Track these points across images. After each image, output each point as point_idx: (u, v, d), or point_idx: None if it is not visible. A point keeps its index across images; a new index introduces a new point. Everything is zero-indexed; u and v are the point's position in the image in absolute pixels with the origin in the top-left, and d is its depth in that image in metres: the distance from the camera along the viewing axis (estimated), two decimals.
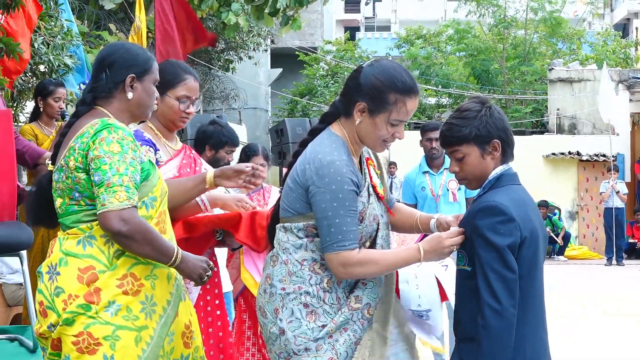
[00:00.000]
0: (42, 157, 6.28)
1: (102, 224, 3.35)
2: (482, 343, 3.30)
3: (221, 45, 22.04)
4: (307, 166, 3.46)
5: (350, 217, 3.40)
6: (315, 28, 31.55)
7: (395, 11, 50.09)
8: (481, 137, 3.52)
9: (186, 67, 4.46)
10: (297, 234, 3.52)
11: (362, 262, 3.42)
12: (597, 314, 12.02)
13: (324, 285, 3.50)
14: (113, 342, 3.34)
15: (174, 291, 3.57)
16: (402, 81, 3.49)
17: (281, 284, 3.53)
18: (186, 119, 4.45)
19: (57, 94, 7.19)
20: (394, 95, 3.47)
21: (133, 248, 3.41)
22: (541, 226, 3.55)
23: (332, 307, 3.49)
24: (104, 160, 3.35)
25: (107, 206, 3.32)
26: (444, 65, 32.19)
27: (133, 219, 3.35)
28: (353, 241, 3.40)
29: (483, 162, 3.56)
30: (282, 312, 3.51)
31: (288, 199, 3.56)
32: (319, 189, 3.40)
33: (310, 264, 3.50)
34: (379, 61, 3.60)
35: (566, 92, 24.53)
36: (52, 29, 7.84)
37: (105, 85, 3.59)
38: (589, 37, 33.29)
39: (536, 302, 3.46)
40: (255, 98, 28.03)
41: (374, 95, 3.47)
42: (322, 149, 3.49)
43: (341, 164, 3.42)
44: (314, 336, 3.45)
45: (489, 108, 3.56)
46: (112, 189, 3.33)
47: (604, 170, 21.71)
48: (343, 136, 3.57)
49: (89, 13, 14.28)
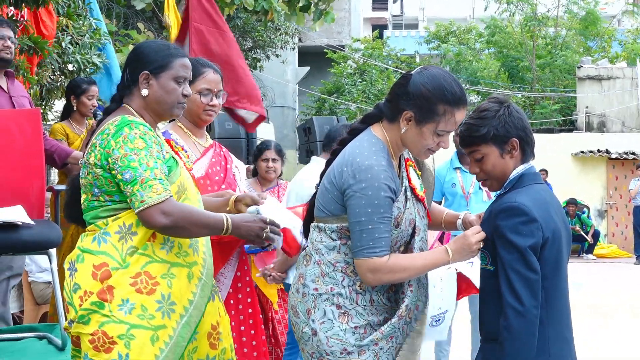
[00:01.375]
0: (71, 157, 6.31)
1: (145, 221, 3.35)
2: (505, 344, 3.28)
3: (249, 43, 22.06)
4: (345, 169, 3.42)
5: (383, 223, 3.37)
6: (342, 26, 31.53)
7: (423, 9, 49.96)
8: (499, 136, 3.49)
9: (205, 61, 4.46)
10: (331, 235, 3.50)
11: (391, 269, 3.39)
12: (624, 313, 11.92)
13: (357, 288, 3.48)
14: (128, 340, 3.33)
15: (197, 291, 3.54)
16: (451, 92, 3.42)
17: (314, 284, 3.52)
18: (212, 112, 4.45)
19: (90, 92, 7.21)
20: (443, 106, 3.41)
21: (184, 235, 3.44)
22: (564, 226, 3.51)
23: (364, 308, 3.48)
24: (132, 157, 3.35)
25: (147, 201, 3.31)
26: (473, 62, 32.10)
27: (174, 209, 3.34)
28: (384, 248, 3.37)
29: (503, 162, 3.53)
30: (315, 312, 3.50)
31: (324, 199, 3.53)
32: (355, 193, 3.36)
33: (343, 267, 3.49)
34: (428, 69, 3.50)
35: (595, 89, 24.37)
36: (80, 28, 7.86)
37: (126, 84, 3.61)
38: (618, 35, 33.07)
39: (560, 302, 3.43)
40: (283, 96, 28.05)
41: (422, 105, 3.41)
42: (362, 151, 3.44)
43: (379, 170, 3.37)
44: (353, 340, 3.43)
45: (508, 107, 3.53)
46: (148, 184, 3.32)
47: (633, 169, 21.53)
48: (384, 139, 3.52)
49: (117, 12, 14.34)
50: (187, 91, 3.65)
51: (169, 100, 3.60)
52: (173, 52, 3.64)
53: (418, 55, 37.11)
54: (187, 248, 3.54)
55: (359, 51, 32.32)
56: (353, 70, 31.43)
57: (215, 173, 4.53)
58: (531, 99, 29.50)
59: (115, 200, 3.43)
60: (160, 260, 3.45)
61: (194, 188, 3.71)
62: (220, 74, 4.52)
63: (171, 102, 3.61)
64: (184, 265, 3.51)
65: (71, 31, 7.69)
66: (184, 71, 3.63)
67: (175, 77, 3.59)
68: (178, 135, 4.43)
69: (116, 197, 3.43)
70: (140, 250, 3.42)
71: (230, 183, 4.58)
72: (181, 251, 3.51)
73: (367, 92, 29.60)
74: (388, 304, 3.55)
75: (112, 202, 3.44)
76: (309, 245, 3.61)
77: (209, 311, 3.62)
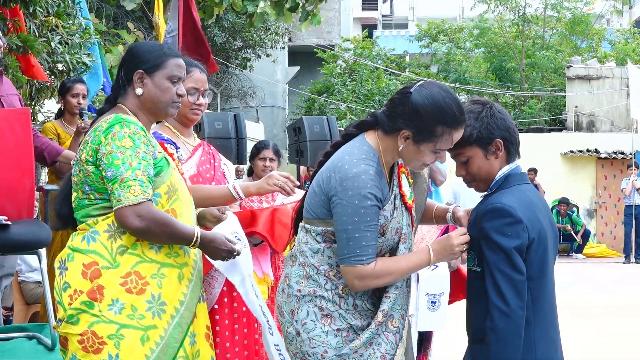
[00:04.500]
0: (62, 155, 6.30)
1: (119, 220, 3.37)
2: (491, 345, 3.30)
3: (238, 43, 22.08)
4: (333, 174, 3.42)
5: (370, 231, 3.37)
6: (332, 26, 31.51)
7: (412, 9, 50.01)
8: (483, 138, 3.50)
9: (190, 61, 4.48)
10: (316, 237, 3.51)
11: (377, 275, 3.41)
12: (612, 313, 11.94)
13: (339, 292, 3.50)
14: (117, 340, 3.34)
15: (188, 292, 3.55)
16: (450, 114, 3.37)
17: (297, 286, 3.54)
18: (198, 111, 4.48)
19: (74, 90, 7.21)
20: (441, 128, 3.37)
21: (153, 240, 3.45)
22: (551, 226, 3.53)
23: (347, 312, 3.50)
24: (116, 155, 3.37)
25: (123, 202, 3.34)
26: (463, 62, 32.16)
27: (149, 213, 3.37)
28: (371, 256, 3.39)
29: (488, 163, 3.54)
30: (298, 313, 3.52)
31: (311, 201, 3.54)
32: (342, 201, 3.36)
33: (327, 270, 3.50)
34: (427, 87, 3.43)
35: (584, 89, 24.43)
36: (69, 28, 7.85)
37: (120, 84, 3.64)
38: (608, 35, 33.15)
39: (546, 303, 3.45)
40: (273, 96, 28.04)
41: (420, 126, 3.37)
42: (351, 158, 3.43)
43: (366, 178, 3.35)
44: (335, 343, 3.45)
45: (490, 108, 3.54)
46: (127, 184, 3.35)
47: (622, 168, 21.60)
48: (377, 147, 3.50)
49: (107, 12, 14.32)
50: (182, 91, 3.68)
51: (163, 99, 3.62)
52: (167, 52, 3.67)
53: (408, 55, 37.15)
54: (177, 249, 3.55)
55: (349, 51, 32.32)
56: (343, 70, 31.42)
57: (206, 170, 4.56)
58: (520, 98, 29.54)
59: (106, 198, 3.45)
60: (150, 260, 3.46)
61: (187, 190, 3.72)
62: (206, 73, 4.55)
63: (165, 101, 3.63)
64: (174, 265, 3.52)
65: (61, 31, 7.67)
66: (178, 71, 3.66)
67: (170, 77, 3.62)
68: (168, 135, 4.44)
69: (106, 195, 3.44)
70: (130, 250, 3.43)
71: (220, 180, 4.60)
72: (172, 252, 3.52)
73: (357, 91, 29.60)
74: (373, 310, 3.55)
75: (103, 200, 3.46)
76: (296, 245, 3.63)
77: (201, 312, 3.63)
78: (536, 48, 30.74)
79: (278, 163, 7.66)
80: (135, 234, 3.41)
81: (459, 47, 33.18)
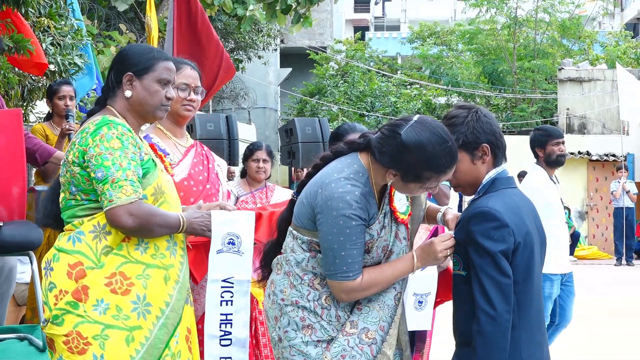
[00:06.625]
0: (54, 157, 6.29)
1: (112, 220, 3.39)
2: (477, 349, 3.31)
3: (231, 45, 22.07)
4: (320, 190, 3.42)
5: (356, 249, 3.38)
6: (324, 28, 31.57)
7: (404, 11, 50.09)
8: (469, 143, 3.51)
9: (182, 59, 4.49)
10: (302, 245, 3.53)
11: (364, 288, 3.43)
12: (603, 315, 11.98)
13: (322, 302, 3.50)
14: (102, 341, 3.35)
15: (174, 293, 3.56)
16: (438, 163, 3.34)
17: (281, 294, 3.56)
18: (190, 107, 4.46)
19: (61, 92, 7.19)
20: (429, 173, 3.37)
21: (146, 236, 3.48)
22: (537, 231, 3.54)
23: (330, 324, 3.50)
24: (106, 156, 3.39)
25: (115, 202, 3.35)
26: (454, 65, 32.20)
27: (140, 212, 3.39)
28: (357, 272, 3.40)
29: (474, 168, 3.55)
30: (281, 320, 3.55)
31: (299, 210, 3.54)
32: (327, 220, 3.36)
33: (311, 279, 3.51)
34: (418, 132, 3.35)
35: (576, 91, 24.49)
36: (62, 29, 7.83)
37: (110, 86, 3.65)
38: (599, 37, 33.24)
39: (532, 306, 3.46)
40: (265, 97, 28.07)
41: (409, 169, 3.36)
42: (339, 176, 3.41)
43: (351, 200, 3.34)
44: (314, 354, 3.46)
45: (476, 112, 3.54)
46: (118, 184, 3.36)
47: (613, 170, 21.66)
48: (368, 167, 3.48)
49: (99, 13, 14.31)
50: (171, 94, 3.69)
51: (151, 102, 3.63)
52: (157, 55, 3.68)
53: (400, 57, 37.20)
54: (164, 250, 3.56)
55: (341, 53, 32.35)
56: (335, 71, 31.47)
57: (199, 173, 4.54)
58: (512, 101, 29.59)
59: (92, 199, 3.46)
60: (135, 261, 3.47)
61: (175, 193, 3.74)
62: (198, 71, 4.54)
63: (154, 104, 3.64)
64: (160, 267, 3.52)
65: (53, 32, 7.66)
66: (167, 74, 3.66)
67: (159, 79, 3.63)
68: (159, 137, 4.43)
69: (92, 196, 3.46)
70: (115, 250, 3.45)
71: (214, 182, 4.59)
72: (157, 253, 3.53)
73: (349, 93, 29.65)
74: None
75: (89, 201, 3.47)
76: (283, 250, 3.65)
77: (185, 314, 3.64)
78: (527, 51, 30.77)
79: (271, 164, 7.68)
80: (129, 233, 3.43)
81: (450, 49, 33.22)
